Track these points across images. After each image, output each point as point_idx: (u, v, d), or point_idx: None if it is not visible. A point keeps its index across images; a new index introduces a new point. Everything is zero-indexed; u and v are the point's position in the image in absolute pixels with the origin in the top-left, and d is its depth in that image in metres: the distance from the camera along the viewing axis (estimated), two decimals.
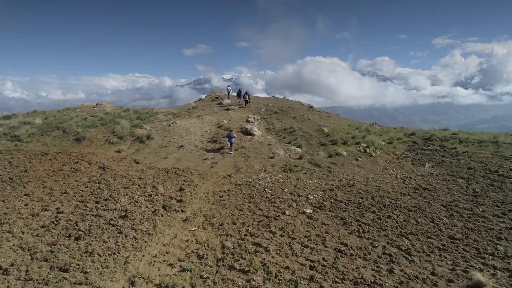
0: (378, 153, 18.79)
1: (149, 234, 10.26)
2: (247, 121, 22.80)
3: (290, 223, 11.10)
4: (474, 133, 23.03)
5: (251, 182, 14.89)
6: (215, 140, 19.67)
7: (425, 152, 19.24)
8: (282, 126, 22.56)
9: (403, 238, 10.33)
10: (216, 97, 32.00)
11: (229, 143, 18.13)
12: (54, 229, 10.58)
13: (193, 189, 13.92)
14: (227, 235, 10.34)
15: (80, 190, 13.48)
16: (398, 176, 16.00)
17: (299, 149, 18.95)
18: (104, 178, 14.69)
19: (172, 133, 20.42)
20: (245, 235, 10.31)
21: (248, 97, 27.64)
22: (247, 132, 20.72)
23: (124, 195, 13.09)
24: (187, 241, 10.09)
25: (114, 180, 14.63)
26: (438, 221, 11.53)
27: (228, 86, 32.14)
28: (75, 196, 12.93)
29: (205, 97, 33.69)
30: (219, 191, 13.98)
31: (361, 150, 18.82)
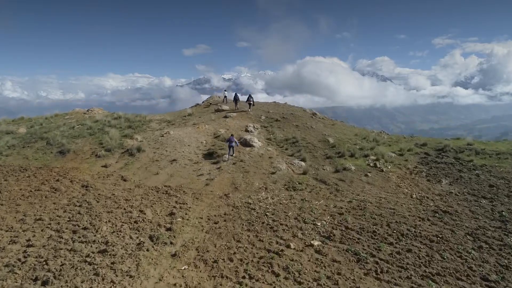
0: (389, 167, 17.24)
1: (130, 276, 8.70)
2: (246, 131, 21.26)
3: (296, 260, 9.54)
4: (490, 143, 21.52)
5: (250, 203, 13.35)
6: (211, 152, 18.12)
7: (439, 165, 17.70)
8: (284, 136, 21.01)
9: (430, 281, 8.77)
10: (211, 103, 30.55)
11: (228, 148, 17.58)
12: (20, 269, 9.01)
13: (185, 213, 12.37)
14: (222, 277, 8.79)
15: (57, 216, 11.91)
16: (414, 195, 14.46)
17: (302, 163, 17.40)
18: (86, 200, 13.13)
19: (165, 144, 18.86)
20: (243, 277, 8.76)
21: (252, 101, 27.03)
22: (246, 143, 19.17)
23: (106, 222, 11.53)
24: (174, 285, 8.54)
25: (97, 202, 13.08)
26: (466, 256, 9.97)
27: (225, 90, 30.67)
28: (50, 224, 11.37)
29: (202, 102, 32.16)
30: (215, 215, 12.43)
31: (371, 164, 17.27)
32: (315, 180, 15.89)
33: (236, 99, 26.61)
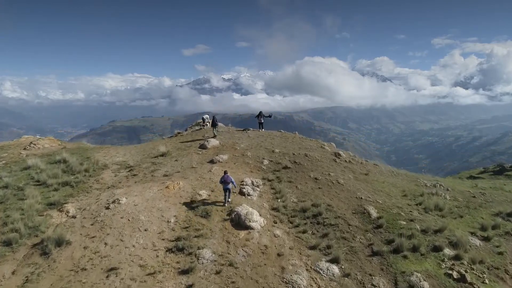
0: (485, 278, 10.09)
1: None
2: (241, 193, 14.04)
3: None
4: None
5: None
6: (181, 247, 10.78)
7: None
8: (298, 200, 13.78)
9: None
10: (196, 129, 23.43)
11: (224, 192, 13.32)
12: None
13: None
14: None
15: None
16: None
17: (335, 269, 10.23)
18: None
19: (108, 227, 11.61)
20: None
21: (263, 118, 23.39)
22: (240, 224, 11.91)
23: None
24: None
25: None
26: None
27: (206, 115, 24.49)
28: None
29: (186, 129, 24.91)
30: None
31: (454, 275, 10.06)
32: None
33: (214, 123, 21.77)
